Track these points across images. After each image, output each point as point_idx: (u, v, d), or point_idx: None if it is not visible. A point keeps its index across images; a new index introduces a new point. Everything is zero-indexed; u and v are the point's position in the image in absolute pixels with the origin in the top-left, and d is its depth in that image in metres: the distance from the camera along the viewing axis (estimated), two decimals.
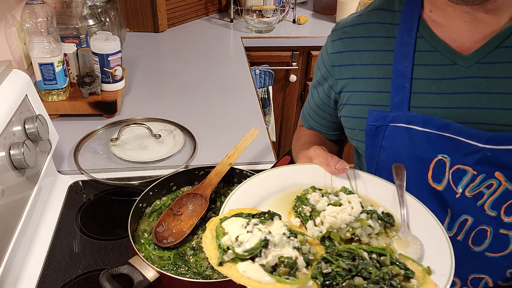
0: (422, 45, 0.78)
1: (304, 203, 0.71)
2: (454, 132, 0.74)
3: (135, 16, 2.05)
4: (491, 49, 0.73)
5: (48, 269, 0.87)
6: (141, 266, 0.77)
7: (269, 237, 0.62)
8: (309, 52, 2.18)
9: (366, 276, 0.57)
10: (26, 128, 0.89)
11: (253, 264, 0.60)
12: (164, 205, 0.96)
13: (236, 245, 0.61)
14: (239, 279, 0.59)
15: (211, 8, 2.36)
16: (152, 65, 1.80)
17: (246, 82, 1.68)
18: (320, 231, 0.67)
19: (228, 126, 1.37)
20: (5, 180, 0.78)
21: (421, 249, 0.64)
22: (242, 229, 0.63)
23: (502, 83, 0.73)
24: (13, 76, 0.91)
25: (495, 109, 0.73)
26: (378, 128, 0.80)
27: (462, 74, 0.75)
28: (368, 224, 0.66)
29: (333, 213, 0.67)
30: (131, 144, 1.24)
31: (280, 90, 2.31)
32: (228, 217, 0.67)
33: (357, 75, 0.85)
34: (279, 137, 2.50)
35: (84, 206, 1.03)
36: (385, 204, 0.72)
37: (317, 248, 0.65)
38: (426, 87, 0.77)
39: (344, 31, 0.87)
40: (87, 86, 1.30)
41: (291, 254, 0.61)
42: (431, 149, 0.77)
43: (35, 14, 1.17)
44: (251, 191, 0.74)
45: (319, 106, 0.99)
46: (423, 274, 0.59)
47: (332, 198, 0.71)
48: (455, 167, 0.76)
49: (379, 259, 0.60)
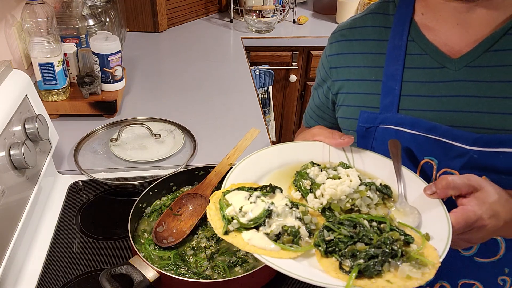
0: (413, 48, 0.78)
1: (304, 177, 0.73)
2: (441, 134, 0.74)
3: (135, 16, 2.05)
4: (480, 53, 0.73)
5: (48, 269, 0.87)
6: (141, 266, 0.77)
7: (272, 207, 0.64)
8: (309, 52, 2.18)
9: (367, 242, 0.59)
10: (26, 128, 0.89)
11: (258, 233, 0.63)
12: (164, 205, 0.96)
13: (241, 215, 0.64)
14: (245, 246, 0.61)
15: (211, 8, 2.36)
16: (152, 65, 1.80)
17: (246, 82, 1.68)
18: (321, 203, 0.69)
19: (228, 126, 1.37)
20: (5, 180, 0.78)
21: (419, 218, 0.66)
22: (246, 201, 0.66)
23: (490, 87, 0.72)
24: (13, 76, 0.91)
25: (483, 112, 0.72)
26: (368, 129, 0.81)
27: (451, 77, 0.75)
28: (367, 195, 0.68)
29: (333, 185, 0.69)
30: (131, 144, 1.24)
31: (280, 90, 2.31)
32: (231, 191, 0.69)
33: (351, 77, 0.86)
34: (279, 137, 2.50)
35: (84, 206, 1.03)
36: (382, 177, 0.74)
37: (318, 219, 0.67)
38: (416, 90, 0.77)
39: (342, 34, 0.89)
40: (87, 86, 1.30)
41: (294, 223, 0.63)
42: (419, 152, 0.77)
43: (35, 14, 1.17)
44: (251, 167, 0.76)
45: (319, 107, 1.00)
46: (422, 240, 0.61)
47: (331, 173, 0.73)
48: (442, 170, 0.76)
49: (379, 226, 0.62)
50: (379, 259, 0.56)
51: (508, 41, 0.71)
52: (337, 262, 0.58)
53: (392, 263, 0.56)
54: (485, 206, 0.62)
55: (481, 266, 0.81)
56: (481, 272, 0.82)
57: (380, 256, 0.56)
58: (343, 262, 0.58)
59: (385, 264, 0.56)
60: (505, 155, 0.70)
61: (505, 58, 0.71)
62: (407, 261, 0.57)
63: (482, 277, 0.83)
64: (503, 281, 0.82)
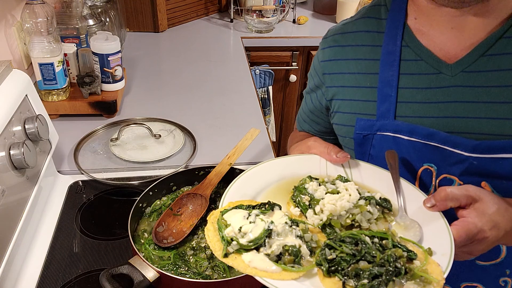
0: (407, 54, 0.77)
1: (302, 192, 0.72)
2: (440, 141, 0.73)
3: (135, 16, 2.05)
4: (476, 58, 0.72)
5: (48, 269, 0.87)
6: (141, 266, 0.77)
7: (272, 227, 0.63)
8: (309, 52, 2.18)
9: (370, 260, 0.58)
10: (26, 128, 0.89)
11: (258, 254, 0.61)
12: (164, 205, 0.96)
13: (240, 236, 0.62)
14: (246, 269, 0.60)
15: (211, 8, 2.36)
16: (152, 65, 1.80)
17: (246, 82, 1.68)
18: (321, 219, 0.67)
19: (228, 126, 1.37)
20: (5, 180, 0.78)
21: (420, 232, 0.65)
22: (245, 220, 0.64)
23: (487, 92, 0.71)
24: (13, 76, 0.91)
25: (481, 118, 0.72)
26: (365, 136, 0.80)
27: (447, 83, 0.74)
28: (367, 209, 0.67)
29: (332, 200, 0.68)
30: (131, 144, 1.24)
31: (280, 90, 2.31)
32: (229, 209, 0.68)
33: (346, 83, 0.85)
34: (279, 137, 2.50)
35: (84, 206, 1.03)
36: (380, 190, 0.73)
37: (319, 236, 0.66)
38: (412, 96, 0.76)
39: (334, 39, 0.87)
40: (87, 86, 1.30)
41: (294, 242, 0.62)
42: (417, 158, 0.76)
43: (35, 14, 1.17)
44: (248, 183, 0.75)
45: (313, 112, 0.99)
46: (424, 255, 0.60)
47: (329, 187, 0.72)
48: (441, 177, 0.76)
49: (381, 243, 0.61)
50: (384, 278, 0.55)
51: (503, 45, 0.70)
52: (340, 282, 0.57)
53: (396, 281, 0.55)
54: (485, 217, 0.62)
55: (483, 268, 0.80)
56: (483, 275, 0.81)
57: (384, 275, 0.55)
58: (347, 282, 0.57)
59: (390, 283, 0.55)
60: (505, 161, 0.70)
61: (501, 62, 0.70)
62: (411, 279, 0.56)
63: (484, 279, 0.82)
64: (504, 282, 0.82)
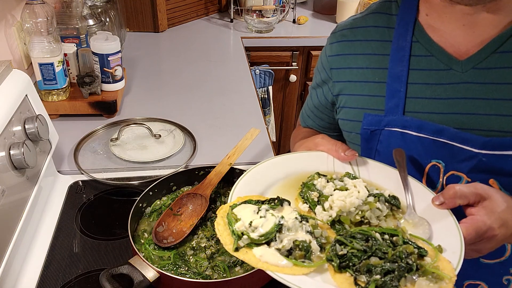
0: (418, 49, 0.77)
1: (310, 189, 0.72)
2: (449, 138, 0.73)
3: (135, 16, 2.05)
4: (487, 54, 0.72)
5: (48, 269, 0.87)
6: (141, 266, 0.77)
7: (282, 222, 0.63)
8: (309, 52, 2.18)
9: (381, 256, 0.58)
10: (26, 128, 0.89)
11: (269, 248, 0.61)
12: (164, 205, 0.96)
13: (250, 230, 0.62)
14: (257, 263, 0.60)
15: (211, 8, 2.36)
16: (152, 65, 1.80)
17: (246, 82, 1.68)
18: (330, 215, 0.67)
19: (228, 126, 1.37)
20: (5, 180, 0.78)
21: (429, 229, 0.65)
22: (255, 215, 0.64)
23: (498, 89, 0.71)
24: (13, 76, 0.91)
25: (491, 115, 0.72)
26: (373, 132, 0.80)
27: (458, 79, 0.74)
28: (377, 207, 0.67)
29: (342, 197, 0.68)
30: (131, 144, 1.24)
31: (280, 90, 2.31)
32: (238, 204, 0.67)
33: (353, 78, 0.84)
34: (279, 137, 2.50)
35: (84, 206, 1.03)
36: (388, 187, 0.73)
37: (328, 232, 0.66)
38: (421, 92, 0.76)
39: (342, 34, 0.87)
40: (87, 86, 1.30)
41: (305, 237, 0.62)
42: (425, 154, 0.76)
43: (35, 14, 1.17)
44: (256, 179, 0.75)
45: (318, 108, 0.99)
46: (435, 252, 0.60)
47: (338, 184, 0.72)
48: (449, 173, 0.75)
49: (391, 239, 0.61)
50: (396, 274, 0.55)
51: None
52: (351, 278, 0.57)
53: (408, 277, 0.55)
54: (494, 215, 0.62)
55: (487, 267, 0.80)
56: (487, 273, 0.81)
57: (397, 271, 0.55)
58: (358, 277, 0.57)
59: (402, 279, 0.55)
60: None
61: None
62: (422, 275, 0.56)
63: (488, 278, 0.82)
64: (507, 280, 0.82)
